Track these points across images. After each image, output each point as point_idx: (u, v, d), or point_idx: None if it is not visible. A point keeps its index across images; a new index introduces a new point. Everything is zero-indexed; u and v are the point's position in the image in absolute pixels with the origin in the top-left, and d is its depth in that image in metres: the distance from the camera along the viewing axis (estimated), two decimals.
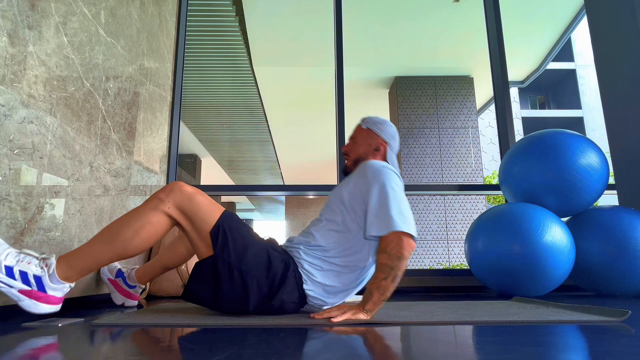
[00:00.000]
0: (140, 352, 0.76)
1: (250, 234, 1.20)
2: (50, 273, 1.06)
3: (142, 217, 1.12)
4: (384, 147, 1.38)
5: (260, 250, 1.18)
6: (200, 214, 1.13)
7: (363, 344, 0.84)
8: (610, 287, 1.90)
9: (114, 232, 1.12)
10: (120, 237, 1.11)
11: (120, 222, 1.13)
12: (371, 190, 1.18)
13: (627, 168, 2.27)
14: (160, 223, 1.13)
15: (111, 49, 1.77)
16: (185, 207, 1.13)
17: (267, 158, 9.78)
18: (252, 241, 1.19)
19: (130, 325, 1.06)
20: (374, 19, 4.55)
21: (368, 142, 1.38)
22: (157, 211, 1.12)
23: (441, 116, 5.84)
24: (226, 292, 1.13)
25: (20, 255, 1.07)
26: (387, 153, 1.38)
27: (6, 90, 1.17)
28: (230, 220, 1.16)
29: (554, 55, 5.33)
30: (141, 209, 1.13)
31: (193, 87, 5.97)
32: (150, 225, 1.12)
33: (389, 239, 1.11)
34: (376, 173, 1.21)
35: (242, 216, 23.78)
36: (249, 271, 1.14)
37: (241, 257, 1.14)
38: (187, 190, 1.14)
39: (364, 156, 1.39)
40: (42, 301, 1.05)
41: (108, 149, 1.75)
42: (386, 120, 1.41)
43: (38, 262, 1.07)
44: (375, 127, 1.38)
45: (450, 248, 5.51)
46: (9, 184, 1.17)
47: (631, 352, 0.70)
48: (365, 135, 1.39)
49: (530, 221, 1.82)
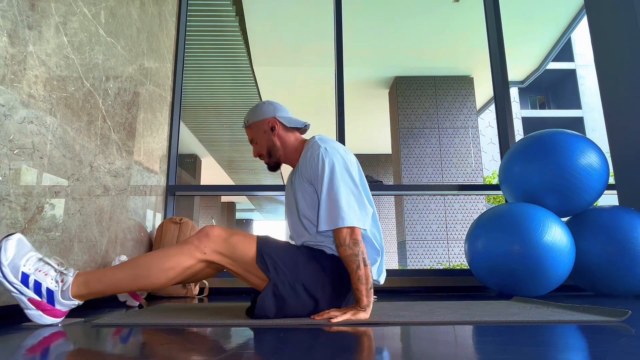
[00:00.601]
0: (141, 352, 0.76)
1: (290, 247, 1.24)
2: (64, 289, 1.07)
3: (173, 259, 1.14)
4: (274, 122, 1.34)
5: (307, 257, 1.22)
6: (239, 251, 1.17)
7: (363, 343, 0.84)
8: (610, 287, 1.90)
9: (142, 268, 1.13)
10: (147, 274, 1.13)
11: (149, 259, 1.14)
12: (320, 183, 1.21)
13: (627, 168, 2.27)
14: (191, 268, 1.15)
15: (111, 49, 1.77)
16: (225, 250, 1.16)
17: None
18: (297, 252, 1.23)
19: (131, 325, 1.06)
20: (374, 19, 4.55)
21: (261, 133, 1.35)
22: (191, 257, 1.14)
23: (441, 116, 5.84)
24: (294, 306, 1.17)
25: (39, 263, 1.07)
26: (281, 122, 1.35)
27: (6, 90, 1.17)
28: (267, 243, 1.20)
29: (554, 55, 5.33)
30: (174, 251, 1.15)
31: (193, 87, 5.97)
32: (180, 268, 1.14)
33: (342, 233, 1.16)
34: (320, 162, 1.22)
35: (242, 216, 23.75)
36: (309, 280, 1.18)
37: (296, 271, 1.18)
38: (222, 235, 1.17)
39: (271, 145, 1.35)
40: (47, 314, 1.07)
41: (108, 149, 1.75)
42: (257, 105, 1.39)
43: (55, 274, 1.08)
44: (254, 118, 1.36)
45: (450, 248, 5.51)
46: (9, 184, 1.17)
47: (631, 352, 0.70)
48: (255, 131, 1.36)
49: (530, 221, 1.82)
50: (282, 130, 1.35)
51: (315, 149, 1.25)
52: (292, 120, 1.36)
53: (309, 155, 1.26)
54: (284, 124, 1.35)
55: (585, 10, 2.80)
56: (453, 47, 5.19)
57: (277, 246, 1.21)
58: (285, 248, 1.22)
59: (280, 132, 1.35)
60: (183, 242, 1.17)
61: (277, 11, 4.34)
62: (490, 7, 2.85)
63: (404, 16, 4.49)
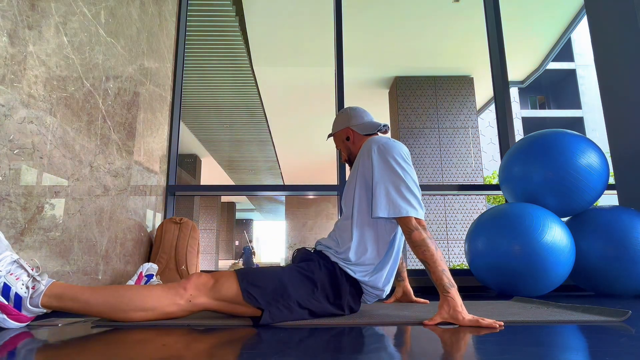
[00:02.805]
0: (141, 352, 0.76)
1: (272, 271, 1.20)
2: (33, 296, 1.02)
3: (156, 301, 1.09)
4: (349, 132, 1.46)
5: (293, 276, 1.19)
6: (224, 291, 1.13)
7: (363, 343, 0.84)
8: (610, 287, 1.90)
9: (122, 301, 1.08)
10: (125, 308, 1.08)
11: (132, 294, 1.10)
12: (374, 172, 1.25)
13: (627, 168, 2.27)
14: (172, 314, 1.10)
15: (111, 49, 1.77)
16: (212, 295, 1.12)
17: (267, 158, 9.78)
18: (280, 273, 1.19)
19: (130, 325, 1.06)
20: (374, 19, 4.54)
21: (340, 143, 1.50)
22: (175, 305, 1.10)
23: (441, 116, 5.84)
24: (295, 319, 1.15)
25: (12, 265, 1.03)
26: (356, 130, 1.45)
27: (6, 90, 1.17)
28: (247, 275, 1.16)
29: (554, 55, 5.32)
30: (158, 293, 1.10)
31: (193, 87, 5.97)
32: (161, 312, 1.09)
33: (404, 222, 1.19)
34: (375, 155, 1.27)
35: (242, 216, 23.74)
36: (302, 298, 1.16)
37: (286, 293, 1.14)
38: (209, 282, 1.14)
39: (349, 153, 1.48)
40: (12, 318, 1.01)
41: (108, 149, 1.75)
42: (337, 115, 1.52)
43: (27, 279, 1.03)
44: (334, 129, 1.51)
45: (450, 248, 5.51)
46: (9, 184, 1.17)
47: (631, 352, 0.70)
48: (336, 141, 1.51)
49: (530, 221, 1.82)
50: (357, 138, 1.45)
51: (364, 145, 1.33)
52: (366, 127, 1.43)
53: (360, 151, 1.34)
54: (358, 132, 1.44)
55: (585, 10, 2.80)
56: (453, 47, 5.19)
57: (258, 275, 1.17)
58: (266, 273, 1.19)
59: (356, 140, 1.45)
60: (169, 285, 1.12)
61: (277, 11, 4.34)
62: (490, 7, 2.85)
63: (404, 16, 4.49)
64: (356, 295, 1.26)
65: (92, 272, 1.62)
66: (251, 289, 1.13)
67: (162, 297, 1.09)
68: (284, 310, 1.13)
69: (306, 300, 1.16)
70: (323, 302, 1.19)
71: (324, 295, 1.20)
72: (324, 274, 1.22)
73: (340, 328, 1.03)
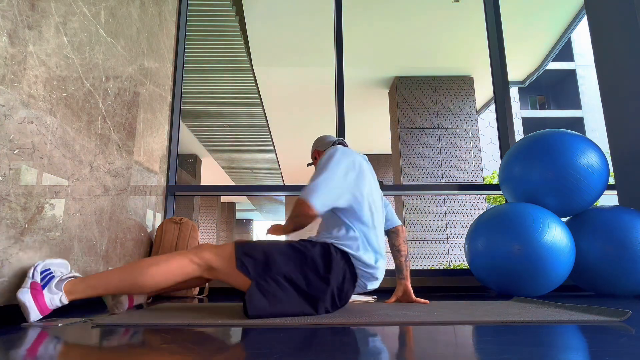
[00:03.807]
0: (141, 352, 0.76)
1: (267, 244, 1.30)
2: (62, 278, 1.18)
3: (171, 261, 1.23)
4: (316, 153, 1.76)
5: (286, 249, 1.27)
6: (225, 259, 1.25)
7: (363, 343, 0.84)
8: (610, 287, 1.90)
9: (138, 265, 1.23)
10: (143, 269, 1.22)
11: (152, 260, 1.24)
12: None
13: (627, 168, 2.27)
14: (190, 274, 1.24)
15: (111, 49, 1.77)
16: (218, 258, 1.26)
17: (267, 158, 9.78)
18: (272, 246, 1.28)
19: (131, 326, 1.06)
20: (373, 19, 4.54)
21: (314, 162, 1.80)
22: (191, 263, 1.24)
23: (441, 116, 5.84)
24: (287, 301, 1.20)
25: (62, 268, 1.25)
26: (318, 149, 1.74)
27: (6, 90, 1.17)
28: (242, 245, 1.27)
29: (554, 55, 5.32)
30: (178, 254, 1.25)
31: (193, 87, 5.97)
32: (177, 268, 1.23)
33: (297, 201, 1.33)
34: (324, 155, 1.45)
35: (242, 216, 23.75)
36: (291, 271, 1.23)
37: (275, 265, 1.23)
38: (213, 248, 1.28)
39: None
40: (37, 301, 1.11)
41: (108, 149, 1.75)
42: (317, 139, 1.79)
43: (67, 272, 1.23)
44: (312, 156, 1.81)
45: (450, 248, 5.51)
46: (9, 184, 1.17)
47: (631, 352, 0.70)
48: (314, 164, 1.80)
49: (530, 221, 1.82)
50: (321, 154, 1.72)
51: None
52: (325, 144, 1.73)
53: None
54: (320, 150, 1.74)
55: (585, 10, 2.80)
56: (453, 47, 5.19)
57: (252, 246, 1.27)
58: (261, 246, 1.28)
59: (320, 155, 1.72)
60: (180, 251, 1.27)
61: (277, 11, 4.34)
62: (490, 7, 2.85)
63: (404, 16, 4.49)
64: (351, 280, 1.30)
65: (93, 272, 1.62)
66: (244, 259, 1.23)
67: (180, 259, 1.23)
68: (271, 284, 1.20)
69: (294, 273, 1.22)
70: (311, 276, 1.23)
71: (313, 268, 1.25)
72: (317, 250, 1.29)
73: (341, 328, 1.03)
